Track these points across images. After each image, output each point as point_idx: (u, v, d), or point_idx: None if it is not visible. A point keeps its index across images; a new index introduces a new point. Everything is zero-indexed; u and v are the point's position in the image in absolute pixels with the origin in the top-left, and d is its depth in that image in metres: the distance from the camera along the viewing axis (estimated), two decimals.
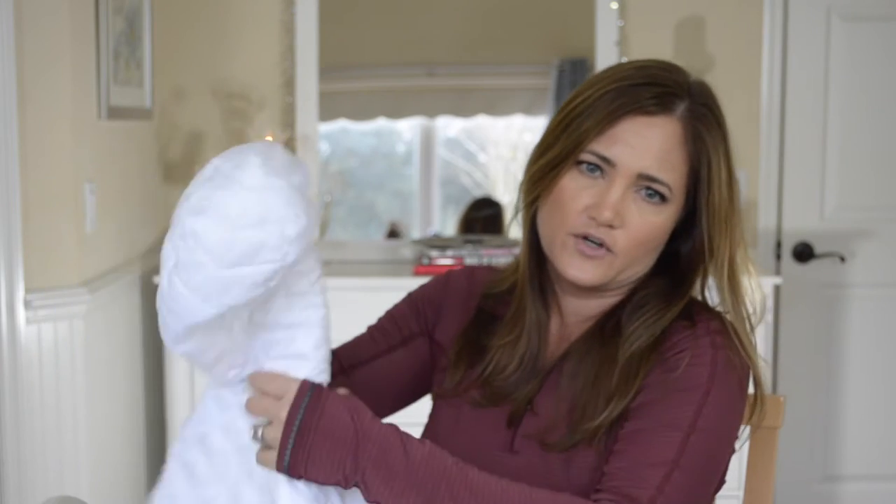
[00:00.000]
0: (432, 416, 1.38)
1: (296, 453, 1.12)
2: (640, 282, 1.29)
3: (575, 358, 1.26)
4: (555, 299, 1.33)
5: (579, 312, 1.31)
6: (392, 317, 1.45)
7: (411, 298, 1.45)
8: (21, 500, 2.43)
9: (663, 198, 1.22)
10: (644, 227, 1.22)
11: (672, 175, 1.22)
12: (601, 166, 1.22)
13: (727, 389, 1.21)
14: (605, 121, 1.22)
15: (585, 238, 1.22)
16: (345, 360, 1.41)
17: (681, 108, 1.23)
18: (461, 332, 1.37)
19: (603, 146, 1.22)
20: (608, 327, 1.27)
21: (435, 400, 1.38)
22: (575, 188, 1.23)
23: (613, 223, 1.21)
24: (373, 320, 1.47)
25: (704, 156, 1.23)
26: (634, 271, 1.27)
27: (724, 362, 1.21)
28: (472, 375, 1.33)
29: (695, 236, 1.27)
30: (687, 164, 1.23)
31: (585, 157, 1.22)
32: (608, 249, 1.22)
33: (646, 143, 1.21)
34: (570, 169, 1.23)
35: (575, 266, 1.23)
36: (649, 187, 1.22)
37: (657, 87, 1.22)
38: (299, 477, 1.14)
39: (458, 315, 1.40)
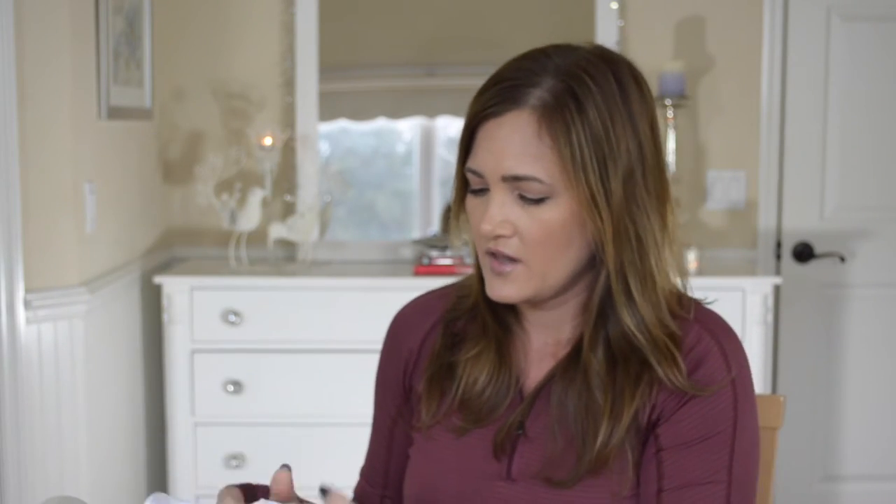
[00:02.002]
0: (415, 452, 1.32)
1: None
2: (589, 284, 1.23)
3: (560, 384, 1.22)
4: (515, 313, 1.29)
5: (545, 323, 1.27)
6: (376, 417, 1.41)
7: (377, 382, 1.40)
8: (21, 500, 2.43)
9: (543, 193, 1.17)
10: (536, 227, 1.17)
11: (539, 166, 1.15)
12: (482, 183, 1.20)
13: (751, 414, 1.21)
14: (466, 136, 1.21)
15: (494, 255, 1.20)
16: (377, 488, 1.39)
17: (533, 96, 1.16)
18: (431, 358, 1.32)
19: (471, 160, 1.20)
20: (584, 353, 1.23)
21: (414, 435, 1.33)
22: (473, 211, 1.22)
23: (501, 232, 1.17)
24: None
25: (564, 135, 1.14)
26: (560, 272, 1.20)
27: (742, 386, 1.20)
28: (447, 402, 1.28)
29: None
30: (556, 151, 1.15)
31: (468, 177, 1.21)
32: (516, 260, 1.19)
33: (500, 145, 1.16)
34: (468, 195, 1.23)
35: (494, 287, 1.21)
36: (521, 187, 1.17)
37: (501, 85, 1.18)
38: None
39: (426, 343, 1.35)
